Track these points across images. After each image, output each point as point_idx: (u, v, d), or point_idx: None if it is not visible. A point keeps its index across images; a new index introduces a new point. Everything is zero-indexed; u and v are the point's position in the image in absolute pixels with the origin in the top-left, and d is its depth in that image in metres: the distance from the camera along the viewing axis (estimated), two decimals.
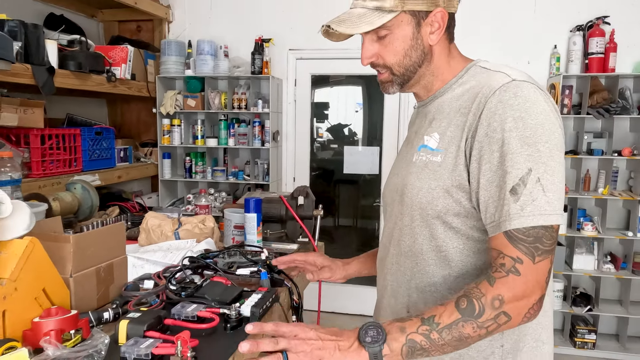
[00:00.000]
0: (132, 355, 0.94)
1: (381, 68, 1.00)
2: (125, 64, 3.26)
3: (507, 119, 0.84)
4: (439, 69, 1.00)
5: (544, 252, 0.81)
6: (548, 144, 0.83)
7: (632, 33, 3.26)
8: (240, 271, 1.41)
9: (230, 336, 1.09)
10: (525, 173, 0.82)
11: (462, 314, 0.80)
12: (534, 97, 0.85)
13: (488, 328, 0.80)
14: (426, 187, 0.94)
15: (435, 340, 0.80)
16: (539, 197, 0.81)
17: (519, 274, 0.81)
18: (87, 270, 1.20)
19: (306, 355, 0.80)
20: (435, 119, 0.98)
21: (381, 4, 0.93)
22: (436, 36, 0.96)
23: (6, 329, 0.97)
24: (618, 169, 3.35)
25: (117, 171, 3.24)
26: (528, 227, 0.81)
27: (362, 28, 0.93)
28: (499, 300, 0.80)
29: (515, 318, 0.81)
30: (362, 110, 4.06)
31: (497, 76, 0.90)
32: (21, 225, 1.03)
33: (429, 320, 0.81)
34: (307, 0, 3.67)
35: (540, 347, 0.96)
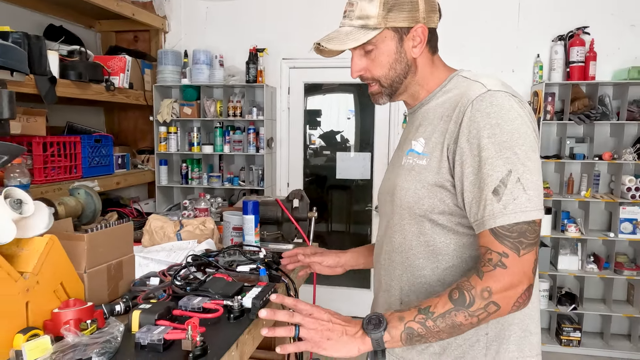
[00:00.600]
0: (146, 341, 1.03)
1: (370, 81, 1.10)
2: (123, 74, 3.35)
3: (485, 126, 0.92)
4: (423, 79, 1.09)
5: (528, 245, 0.89)
6: (524, 147, 0.91)
7: (611, 42, 3.41)
8: (240, 268, 1.51)
9: (233, 325, 1.19)
10: (505, 175, 0.90)
11: (454, 304, 0.89)
12: (508, 104, 0.94)
13: (479, 316, 0.89)
14: (413, 188, 1.03)
15: (430, 327, 0.90)
16: (520, 196, 0.89)
17: (505, 267, 0.89)
18: (99, 266, 1.29)
19: (316, 332, 0.91)
20: (421, 125, 1.07)
21: (366, 22, 1.02)
22: (418, 49, 1.05)
23: (29, 319, 1.06)
24: (599, 172, 3.48)
25: (115, 177, 3.32)
26: (512, 224, 0.89)
27: (349, 44, 1.03)
28: (488, 291, 0.89)
29: (504, 307, 0.90)
30: (353, 117, 4.18)
31: (475, 86, 0.99)
32: (41, 224, 1.12)
33: (425, 310, 0.91)
34: (300, 11, 3.80)
35: (528, 337, 1.04)
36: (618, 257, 3.43)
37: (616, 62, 3.43)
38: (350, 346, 0.92)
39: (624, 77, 3.28)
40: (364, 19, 1.02)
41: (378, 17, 1.01)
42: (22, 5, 3.18)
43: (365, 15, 1.02)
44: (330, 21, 3.68)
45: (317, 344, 0.92)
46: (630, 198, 3.25)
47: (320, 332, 0.92)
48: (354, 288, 4.00)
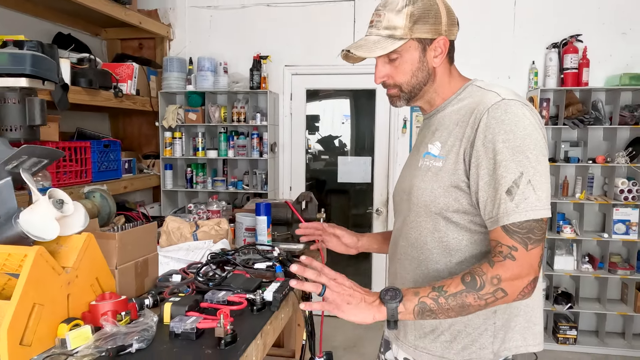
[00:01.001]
0: (180, 329, 1.12)
1: (392, 86, 1.17)
2: (131, 80, 3.44)
3: (499, 132, 1.00)
4: (440, 87, 1.17)
5: (536, 240, 0.98)
6: (535, 151, 0.99)
7: (603, 50, 3.54)
8: (257, 265, 1.60)
9: (256, 317, 1.28)
10: (517, 176, 0.98)
11: (466, 286, 0.98)
12: (520, 112, 1.02)
13: (487, 300, 0.98)
14: (429, 188, 1.11)
15: (442, 304, 0.98)
16: (530, 196, 0.97)
17: (514, 259, 0.98)
18: (128, 263, 1.38)
19: (339, 296, 1.01)
20: (437, 130, 1.15)
21: (392, 32, 1.09)
22: (439, 60, 1.13)
23: (69, 310, 1.14)
24: (593, 175, 3.60)
25: (123, 182, 3.40)
26: (522, 221, 0.97)
27: (377, 52, 1.10)
28: (497, 278, 0.98)
29: (511, 294, 0.98)
30: (350, 122, 4.27)
31: (490, 95, 1.07)
32: (78, 223, 1.20)
33: (438, 289, 0.99)
34: (301, 20, 3.90)
35: (531, 327, 1.13)
36: (612, 257, 3.53)
37: (608, 69, 3.55)
38: (367, 313, 1.00)
39: (616, 83, 3.40)
40: (391, 29, 1.09)
41: (404, 28, 1.08)
42: (32, 14, 3.27)
43: (392, 26, 1.09)
44: (330, 30, 3.81)
45: (338, 307, 1.00)
46: (623, 200, 3.36)
47: (341, 296, 1.01)
48: None
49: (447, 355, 1.12)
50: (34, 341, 1.04)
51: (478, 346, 1.11)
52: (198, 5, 4.04)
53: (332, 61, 3.85)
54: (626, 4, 3.50)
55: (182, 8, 4.07)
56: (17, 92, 1.41)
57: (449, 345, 1.12)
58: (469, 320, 1.11)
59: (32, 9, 3.24)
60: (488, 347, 1.10)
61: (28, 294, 1.02)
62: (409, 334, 1.19)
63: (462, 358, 1.11)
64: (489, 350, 1.10)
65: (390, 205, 3.96)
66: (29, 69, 1.40)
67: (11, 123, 1.41)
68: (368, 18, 1.18)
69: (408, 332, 1.19)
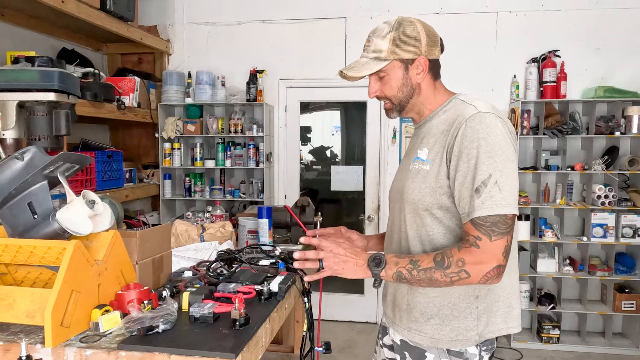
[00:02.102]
0: (199, 314, 1.27)
1: (384, 99, 1.36)
2: (132, 93, 3.59)
3: (474, 140, 1.17)
4: (427, 99, 1.35)
5: (499, 233, 1.13)
6: (503, 157, 1.16)
7: (579, 64, 3.77)
8: (262, 262, 1.75)
9: (264, 305, 1.43)
10: (486, 177, 1.14)
11: (435, 264, 1.16)
12: (493, 123, 1.19)
13: (452, 278, 1.15)
14: (418, 188, 1.28)
15: (414, 275, 1.18)
16: (496, 195, 1.13)
17: (478, 247, 1.15)
18: (147, 259, 1.53)
19: (335, 264, 1.24)
20: (425, 138, 1.33)
21: (378, 55, 1.29)
22: (421, 76, 1.31)
23: (100, 298, 1.28)
24: (572, 182, 3.80)
25: (124, 191, 3.53)
26: (486, 215, 1.14)
27: (364, 72, 1.30)
28: (462, 261, 1.15)
29: (474, 277, 1.15)
30: (340, 133, 4.45)
31: (469, 108, 1.24)
32: (106, 221, 1.35)
33: (414, 262, 1.19)
34: (296, 36, 4.09)
35: (511, 311, 1.29)
36: (591, 260, 3.73)
37: (584, 82, 3.78)
38: (359, 273, 1.24)
39: (592, 95, 3.63)
40: (377, 52, 1.29)
41: (388, 50, 1.28)
42: (37, 31, 3.42)
43: (378, 50, 1.29)
44: (323, 45, 4.00)
45: (335, 272, 1.24)
46: (600, 205, 3.56)
47: (337, 264, 1.24)
48: (349, 294, 4.22)
49: (437, 336, 1.28)
50: (72, 323, 1.18)
51: (464, 328, 1.26)
52: (196, 22, 4.22)
53: (325, 75, 4.06)
54: (599, 22, 3.74)
55: (180, 24, 4.24)
56: (45, 105, 1.57)
57: (439, 327, 1.28)
58: (454, 305, 1.27)
59: (38, 25, 3.39)
60: (473, 329, 1.26)
61: (67, 282, 1.16)
62: (404, 317, 1.34)
63: (450, 338, 1.27)
64: (474, 332, 1.26)
65: (381, 212, 4.13)
66: (57, 84, 1.55)
67: (39, 133, 1.56)
68: (358, 35, 1.40)
69: (403, 316, 1.35)
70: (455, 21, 3.87)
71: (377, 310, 4.21)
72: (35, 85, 1.54)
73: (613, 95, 3.57)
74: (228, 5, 4.17)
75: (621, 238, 3.59)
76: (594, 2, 3.75)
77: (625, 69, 3.73)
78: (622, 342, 3.70)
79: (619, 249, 3.73)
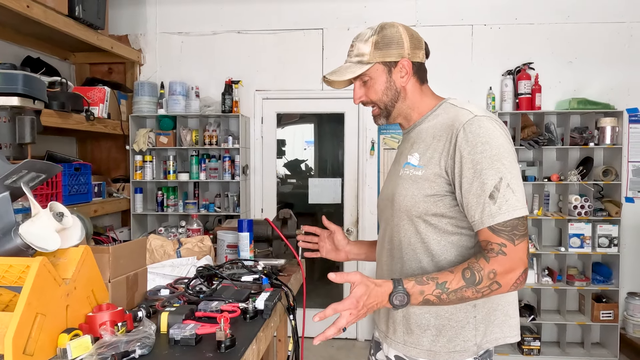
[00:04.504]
0: (179, 336, 1.16)
1: (370, 104, 1.31)
2: (102, 104, 3.44)
3: (477, 144, 1.12)
4: (414, 104, 1.30)
5: (520, 236, 1.09)
6: (509, 159, 1.12)
7: (553, 77, 3.83)
8: (245, 278, 1.65)
9: (249, 324, 1.33)
10: (497, 181, 1.10)
11: (466, 282, 1.09)
12: (492, 126, 1.15)
13: (483, 292, 1.10)
14: (410, 194, 1.22)
15: (443, 299, 1.10)
16: (510, 198, 1.09)
17: (505, 254, 1.09)
18: (120, 277, 1.41)
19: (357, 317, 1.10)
20: (415, 143, 1.28)
21: (361, 59, 1.26)
22: (406, 79, 1.27)
23: (68, 321, 1.16)
24: (549, 192, 3.84)
25: (93, 205, 3.36)
26: (505, 221, 1.09)
27: (347, 76, 1.26)
28: (494, 273, 1.09)
29: (504, 286, 1.10)
30: (314, 146, 4.40)
31: (463, 112, 1.20)
32: (76, 236, 1.23)
33: (442, 285, 1.09)
34: (272, 46, 4.03)
35: (508, 320, 1.25)
36: (569, 270, 3.75)
37: (558, 94, 3.84)
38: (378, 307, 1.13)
39: (566, 107, 3.68)
40: (360, 56, 1.26)
41: (370, 54, 1.25)
42: (0, 38, 3.25)
43: (361, 53, 1.26)
44: (299, 56, 3.95)
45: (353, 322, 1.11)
46: (577, 215, 3.59)
47: (361, 316, 1.11)
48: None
49: (434, 348, 1.21)
50: (36, 350, 1.05)
51: (462, 339, 1.20)
52: (169, 32, 4.11)
53: (302, 86, 4.01)
54: (571, 36, 3.83)
55: (152, 34, 4.13)
56: (8, 110, 1.44)
57: (436, 339, 1.22)
58: (451, 315, 1.21)
59: (2, 33, 3.22)
60: (471, 339, 1.20)
61: (31, 304, 1.04)
62: (398, 330, 1.27)
63: (448, 350, 1.20)
64: (472, 343, 1.20)
65: (360, 225, 4.07)
66: (21, 88, 1.43)
67: (1, 141, 1.43)
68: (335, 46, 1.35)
69: (397, 329, 1.28)
70: (432, 33, 3.88)
71: (356, 326, 4.12)
72: None
73: (586, 107, 3.64)
74: (202, 15, 4.08)
75: (597, 248, 3.63)
76: (565, 16, 3.83)
77: (597, 82, 3.82)
78: (601, 352, 3.71)
79: (595, 258, 3.77)
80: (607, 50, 3.81)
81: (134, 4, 4.10)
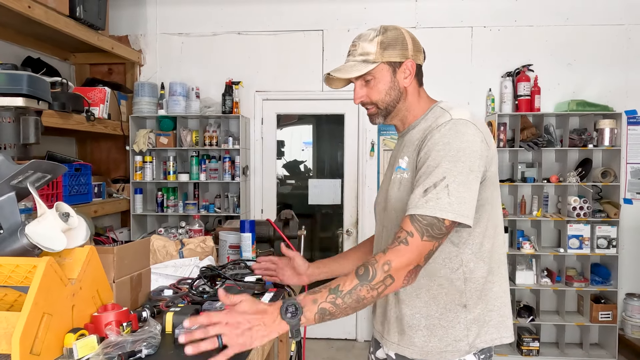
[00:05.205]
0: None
1: (369, 105, 1.32)
2: (103, 104, 3.44)
3: (438, 143, 1.14)
4: (411, 105, 1.32)
5: (431, 236, 1.07)
6: (464, 164, 1.10)
7: (552, 78, 3.85)
8: (248, 279, 1.65)
9: None
10: (439, 180, 1.09)
11: (359, 280, 1.04)
12: (463, 130, 1.15)
13: (378, 289, 1.04)
14: (400, 197, 1.24)
15: (339, 305, 1.03)
16: (442, 198, 1.07)
17: (407, 244, 1.06)
18: (124, 277, 1.41)
19: (237, 337, 0.98)
20: (406, 146, 1.30)
21: (366, 57, 1.25)
22: (408, 80, 1.28)
23: (74, 321, 1.16)
24: (548, 194, 3.85)
25: (93, 206, 3.36)
26: (425, 215, 1.07)
27: (354, 74, 1.26)
28: (388, 265, 1.04)
29: (397, 281, 1.05)
30: (314, 147, 4.41)
31: (445, 115, 1.22)
32: (81, 236, 1.24)
33: (335, 290, 1.04)
34: (272, 47, 4.04)
35: (504, 321, 1.25)
36: (568, 271, 3.76)
37: (557, 96, 3.86)
38: (273, 333, 1.02)
39: (565, 108, 3.70)
40: (365, 55, 1.26)
41: (376, 53, 1.25)
42: (0, 38, 3.24)
43: (366, 52, 1.26)
44: (298, 58, 3.97)
45: (242, 345, 0.98)
46: (575, 216, 3.61)
47: (240, 335, 0.98)
48: None
49: (426, 348, 1.23)
50: (43, 350, 1.06)
51: (453, 338, 1.21)
52: (169, 32, 4.12)
53: (302, 87, 4.02)
54: (570, 38, 3.85)
55: (152, 35, 4.13)
56: (12, 111, 1.44)
57: (427, 339, 1.23)
58: (441, 315, 1.22)
59: (1, 32, 3.22)
60: (463, 339, 1.21)
61: (38, 304, 1.04)
62: (392, 331, 1.29)
63: (439, 349, 1.21)
64: (464, 343, 1.21)
65: (360, 225, 4.08)
66: (26, 88, 1.43)
67: (5, 141, 1.43)
68: (335, 47, 1.34)
69: (391, 330, 1.29)
70: (432, 35, 3.90)
71: (356, 327, 4.13)
72: (1, 89, 1.42)
73: (585, 109, 3.65)
74: (202, 16, 4.08)
75: (596, 249, 3.64)
76: (565, 18, 3.85)
77: (595, 84, 3.84)
78: (599, 353, 3.73)
79: (594, 259, 3.78)
80: (606, 52, 3.83)
81: (134, 5, 4.10)
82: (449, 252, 1.21)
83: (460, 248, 1.21)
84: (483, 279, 1.22)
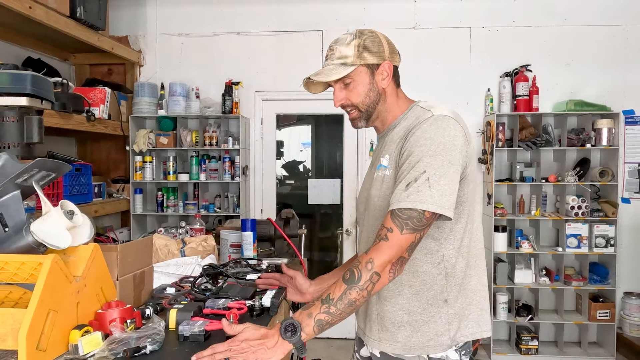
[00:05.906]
0: (189, 332, 1.18)
1: (350, 108, 1.33)
2: (103, 105, 3.45)
3: (420, 139, 1.17)
4: (390, 106, 1.34)
5: (411, 228, 1.09)
6: (444, 158, 1.13)
7: (550, 79, 3.87)
8: (250, 277, 1.67)
9: (256, 321, 1.34)
10: (420, 174, 1.12)
11: (347, 284, 1.08)
12: (444, 125, 1.18)
13: (367, 288, 1.08)
14: (382, 195, 1.26)
15: (334, 312, 1.08)
16: (423, 191, 1.10)
17: (387, 239, 1.10)
18: (128, 275, 1.42)
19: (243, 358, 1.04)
20: (387, 145, 1.31)
21: (344, 61, 1.27)
22: (386, 81, 1.30)
23: (78, 318, 1.17)
24: (546, 193, 3.87)
25: (93, 206, 3.37)
26: (405, 208, 1.10)
27: (333, 77, 1.26)
28: (371, 263, 1.09)
29: (383, 276, 1.09)
30: (313, 147, 4.42)
31: (426, 113, 1.24)
32: (85, 233, 1.25)
33: (326, 299, 1.09)
34: (271, 48, 4.06)
35: (484, 315, 1.28)
36: (566, 270, 3.78)
37: (555, 96, 3.88)
38: (275, 356, 1.06)
39: (563, 108, 3.72)
40: (343, 58, 1.27)
41: (354, 56, 1.26)
42: (0, 39, 3.25)
43: (344, 56, 1.27)
44: (298, 57, 3.97)
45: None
46: (574, 215, 3.63)
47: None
48: None
49: (408, 344, 1.24)
50: (49, 346, 1.07)
51: (434, 332, 1.23)
52: (169, 33, 4.13)
53: (301, 87, 4.01)
54: (568, 38, 3.87)
55: (152, 35, 4.14)
56: (16, 110, 1.45)
57: (410, 335, 1.25)
58: (423, 310, 1.24)
59: (1, 33, 3.22)
60: (445, 334, 1.23)
61: (44, 301, 1.05)
62: (374, 328, 1.31)
63: (422, 344, 1.23)
64: (446, 337, 1.23)
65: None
66: (30, 88, 1.44)
67: (9, 140, 1.44)
68: None
69: (373, 327, 1.31)
70: (431, 36, 3.92)
71: (355, 326, 4.13)
72: (5, 89, 1.43)
73: (583, 109, 3.67)
74: (202, 16, 4.10)
75: (594, 248, 3.66)
76: (562, 18, 3.87)
77: (593, 84, 3.86)
78: (598, 351, 3.75)
79: (592, 258, 3.80)
80: (604, 52, 3.85)
81: (134, 6, 4.11)
82: (431, 248, 1.23)
83: (442, 244, 1.23)
84: (462, 273, 1.25)
